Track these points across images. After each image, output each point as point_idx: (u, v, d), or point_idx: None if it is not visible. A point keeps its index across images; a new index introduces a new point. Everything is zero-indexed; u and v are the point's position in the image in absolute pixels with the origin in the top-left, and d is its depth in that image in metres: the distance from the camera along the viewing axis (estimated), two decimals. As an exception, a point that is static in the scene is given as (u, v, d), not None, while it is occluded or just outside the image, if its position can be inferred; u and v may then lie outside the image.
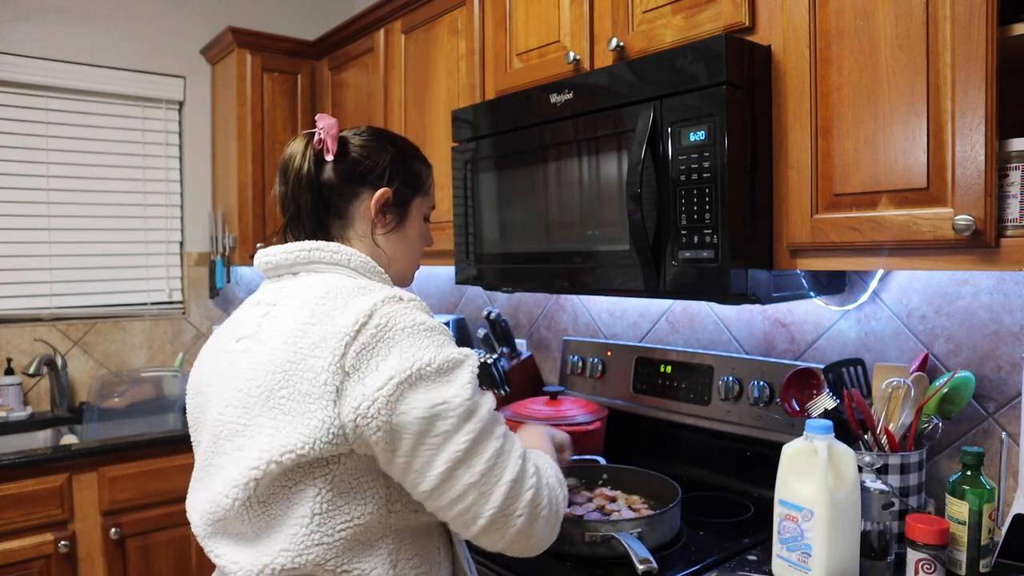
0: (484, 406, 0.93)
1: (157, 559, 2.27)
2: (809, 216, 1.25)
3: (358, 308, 0.92)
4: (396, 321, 0.91)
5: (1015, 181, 1.04)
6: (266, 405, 0.91)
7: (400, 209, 1.12)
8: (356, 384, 0.88)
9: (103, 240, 2.80)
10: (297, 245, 1.03)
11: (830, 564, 1.13)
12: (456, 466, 0.89)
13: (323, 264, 1.02)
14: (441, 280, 2.81)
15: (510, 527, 0.92)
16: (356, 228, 1.09)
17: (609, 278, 1.46)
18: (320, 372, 0.89)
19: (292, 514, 0.91)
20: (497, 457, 0.92)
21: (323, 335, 0.90)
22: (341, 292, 0.95)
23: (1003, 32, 1.04)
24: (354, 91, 2.63)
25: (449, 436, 0.89)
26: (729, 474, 1.72)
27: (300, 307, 0.95)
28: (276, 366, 0.92)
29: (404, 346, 0.90)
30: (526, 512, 0.93)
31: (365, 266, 1.04)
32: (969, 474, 1.19)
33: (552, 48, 1.73)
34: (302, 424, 0.88)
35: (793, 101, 1.26)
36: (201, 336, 2.99)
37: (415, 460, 0.89)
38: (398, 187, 1.10)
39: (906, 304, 1.50)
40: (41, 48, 2.62)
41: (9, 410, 2.50)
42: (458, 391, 0.90)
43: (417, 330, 0.92)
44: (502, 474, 0.91)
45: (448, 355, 0.92)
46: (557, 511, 0.98)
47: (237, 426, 0.94)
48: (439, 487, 0.90)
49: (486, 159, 1.77)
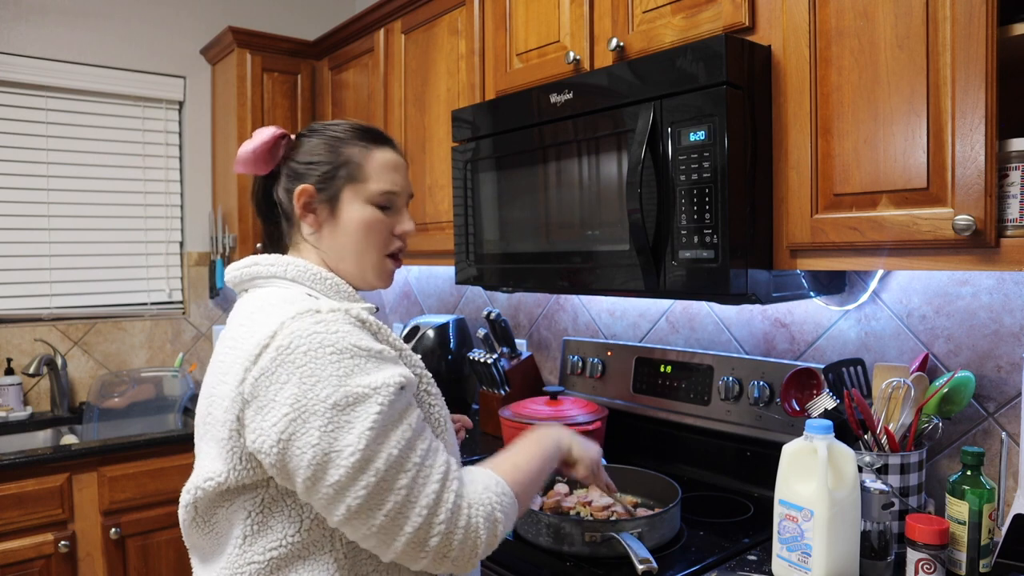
0: (383, 452, 0.83)
1: (157, 559, 2.27)
2: (809, 216, 1.25)
3: (264, 328, 0.87)
4: (299, 343, 0.84)
5: (1015, 181, 1.04)
6: (203, 430, 0.95)
7: (329, 203, 1.03)
8: (256, 414, 0.85)
9: (103, 240, 2.80)
10: (243, 261, 1.03)
11: (830, 564, 1.13)
12: (356, 514, 0.83)
13: (263, 279, 1.00)
14: (441, 280, 2.81)
15: (421, 557, 0.87)
16: (301, 231, 1.05)
17: (609, 278, 1.46)
18: (225, 399, 0.88)
19: (230, 534, 0.92)
20: (402, 506, 0.84)
21: (234, 359, 0.89)
22: (263, 310, 0.91)
23: (1003, 32, 1.04)
24: (354, 91, 2.63)
25: (343, 488, 0.82)
26: (729, 474, 1.72)
27: (230, 329, 0.95)
28: (207, 391, 0.94)
29: (303, 374, 0.83)
30: (439, 536, 0.86)
31: (303, 275, 0.99)
32: (969, 474, 1.18)
33: (552, 48, 1.73)
34: (219, 453, 0.89)
35: (793, 101, 1.26)
36: (201, 336, 2.99)
37: (314, 501, 0.85)
38: (318, 180, 1.02)
39: (906, 304, 1.50)
40: (41, 48, 2.62)
41: (9, 410, 2.50)
42: (353, 440, 0.82)
43: (321, 354, 0.84)
44: (404, 523, 0.84)
45: (349, 390, 0.83)
46: (475, 539, 0.89)
47: (197, 448, 0.99)
48: (342, 525, 0.85)
49: (486, 159, 1.77)
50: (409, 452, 0.86)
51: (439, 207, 2.17)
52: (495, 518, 0.91)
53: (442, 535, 0.86)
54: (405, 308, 3.02)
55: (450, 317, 2.55)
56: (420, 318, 2.59)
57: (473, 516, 0.89)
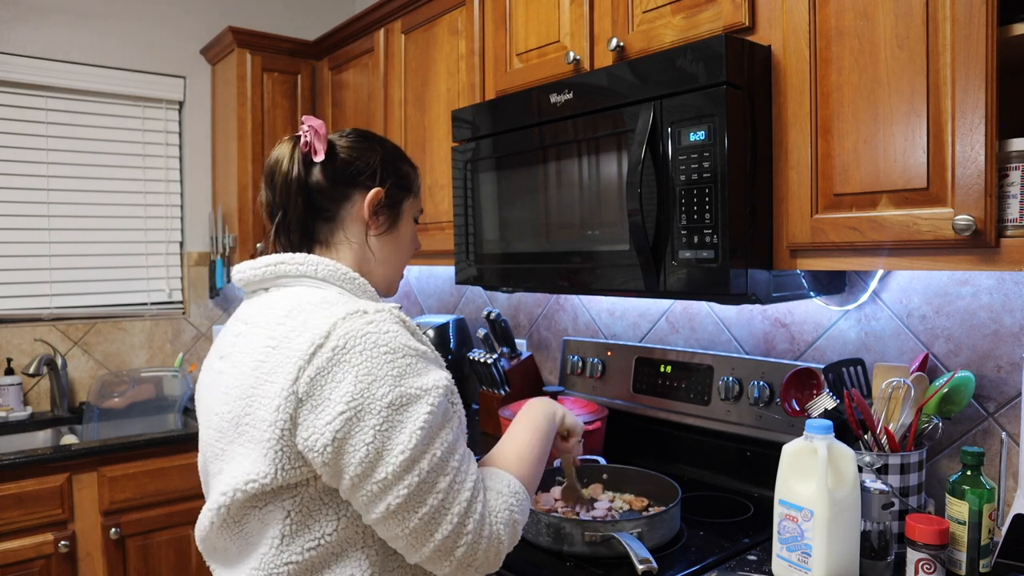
0: (428, 454, 0.86)
1: (157, 559, 2.27)
2: (809, 216, 1.25)
3: (315, 328, 0.88)
4: (355, 343, 0.86)
5: (1015, 181, 1.04)
6: (235, 431, 0.92)
7: (392, 210, 1.09)
8: (309, 413, 0.85)
9: (103, 240, 2.80)
10: (264, 260, 1.01)
11: (830, 564, 1.13)
12: (395, 513, 0.85)
13: (290, 278, 0.99)
14: (441, 280, 2.81)
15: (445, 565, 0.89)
16: (346, 231, 1.06)
17: (609, 278, 1.46)
18: (275, 398, 0.87)
19: (264, 535, 0.91)
20: (436, 510, 0.87)
21: (281, 359, 0.88)
22: (303, 309, 0.92)
23: (1003, 32, 1.04)
24: (354, 91, 2.63)
25: (388, 487, 0.85)
26: (729, 474, 1.72)
27: (264, 328, 0.93)
28: (242, 391, 0.91)
29: (359, 372, 0.85)
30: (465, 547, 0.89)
31: (334, 275, 1.00)
32: (969, 474, 1.18)
33: (552, 48, 1.73)
34: (264, 453, 0.88)
35: (793, 101, 1.26)
36: (201, 336, 2.99)
37: (356, 498, 0.87)
38: (390, 187, 1.08)
39: (906, 304, 1.50)
40: (41, 48, 2.62)
41: (9, 410, 2.50)
42: (404, 439, 0.85)
43: (376, 353, 0.86)
44: (436, 529, 0.87)
45: (403, 390, 0.86)
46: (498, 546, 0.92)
47: (216, 450, 0.96)
48: (377, 524, 0.88)
49: (486, 159, 1.77)
50: (450, 456, 0.89)
51: (439, 207, 2.17)
52: (514, 520, 0.94)
53: (468, 545, 0.88)
54: (405, 308, 3.02)
55: (450, 317, 2.55)
56: (420, 318, 2.59)
57: (494, 524, 0.92)
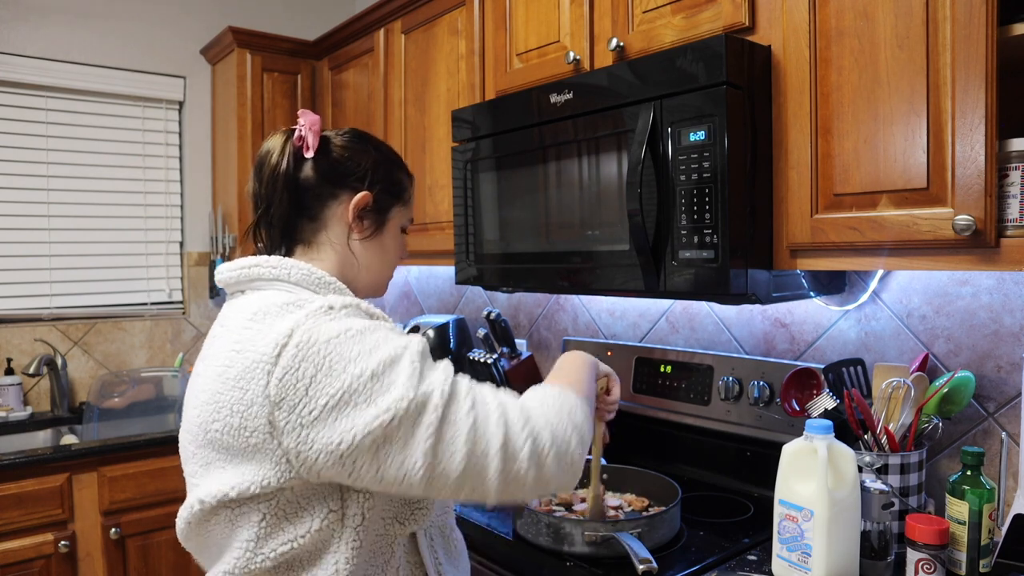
0: (436, 391, 0.84)
1: (157, 559, 2.27)
2: (809, 216, 1.25)
3: (278, 330, 0.86)
4: (318, 335, 0.84)
5: (1015, 181, 1.04)
6: (204, 438, 0.90)
7: (379, 216, 1.07)
8: (288, 414, 0.82)
9: (103, 240, 2.80)
10: (240, 262, 0.99)
11: (830, 564, 1.13)
12: (434, 464, 0.83)
13: (263, 281, 0.97)
14: (441, 280, 2.81)
15: (522, 484, 0.86)
16: (329, 231, 1.04)
17: (609, 278, 1.46)
18: (249, 406, 0.84)
19: (237, 537, 0.90)
20: (475, 433, 0.84)
21: (247, 364, 0.85)
22: (268, 312, 0.89)
23: (1003, 32, 1.04)
24: (354, 91, 2.63)
25: (407, 440, 0.82)
26: (729, 474, 1.72)
27: (232, 332, 0.91)
28: (209, 396, 0.89)
29: (332, 361, 0.83)
30: (532, 463, 0.86)
31: (307, 279, 0.97)
32: (969, 474, 1.19)
33: (552, 48, 1.73)
34: (242, 462, 0.86)
35: (793, 101, 1.26)
36: (201, 336, 2.99)
37: (386, 473, 0.83)
38: (378, 192, 1.05)
39: (906, 304, 1.49)
40: (41, 48, 2.62)
41: (9, 410, 2.50)
42: (402, 392, 0.82)
43: (343, 339, 0.84)
44: (487, 448, 0.84)
45: (381, 356, 0.84)
46: (568, 448, 0.90)
47: (188, 453, 0.95)
48: (428, 487, 0.84)
49: (486, 159, 1.77)
50: (457, 386, 0.87)
51: (439, 207, 2.17)
52: (575, 423, 0.92)
53: (532, 437, 0.86)
54: (405, 308, 3.02)
55: (450, 317, 2.55)
56: (420, 318, 2.59)
57: (558, 428, 0.89)
